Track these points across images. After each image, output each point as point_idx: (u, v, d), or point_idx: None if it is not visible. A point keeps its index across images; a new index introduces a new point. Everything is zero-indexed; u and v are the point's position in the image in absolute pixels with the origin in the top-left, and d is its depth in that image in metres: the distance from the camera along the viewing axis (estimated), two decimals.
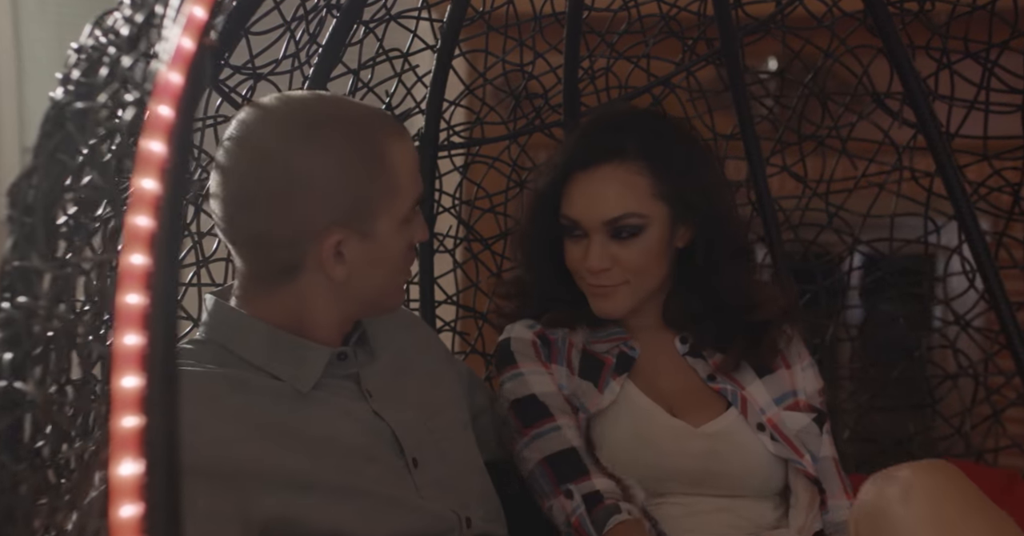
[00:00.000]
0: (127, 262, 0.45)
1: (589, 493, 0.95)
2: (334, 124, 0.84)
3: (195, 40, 0.50)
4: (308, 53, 1.16)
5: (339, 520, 0.82)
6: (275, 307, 0.87)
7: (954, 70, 1.41)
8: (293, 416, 0.84)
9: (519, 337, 1.06)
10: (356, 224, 0.83)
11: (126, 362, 0.44)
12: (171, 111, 0.48)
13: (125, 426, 0.43)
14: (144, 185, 0.46)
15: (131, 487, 0.42)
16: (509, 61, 1.44)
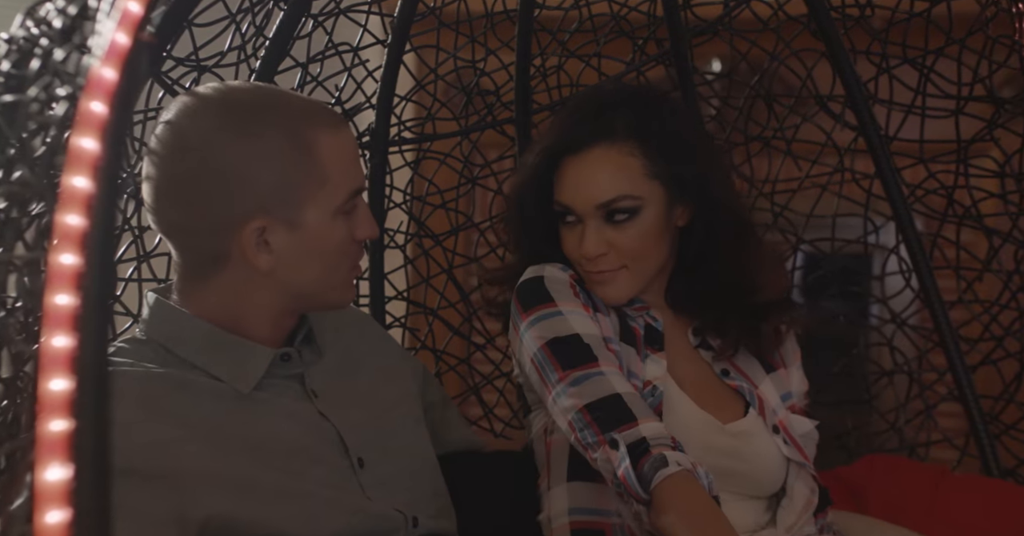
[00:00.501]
0: (57, 261, 0.44)
1: (635, 442, 0.86)
2: (262, 112, 0.83)
3: (130, 35, 0.48)
4: (255, 46, 1.14)
5: (280, 522, 0.81)
6: (211, 303, 0.85)
7: (893, 75, 1.44)
8: (233, 418, 0.83)
9: (554, 276, 0.97)
10: (281, 212, 0.82)
11: (55, 364, 0.42)
12: (105, 108, 0.47)
13: (53, 430, 0.42)
14: (76, 183, 0.45)
15: (58, 492, 0.41)
16: (461, 57, 1.44)
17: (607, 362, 0.93)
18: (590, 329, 0.94)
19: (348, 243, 0.87)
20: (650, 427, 0.87)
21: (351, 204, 0.86)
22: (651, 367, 0.97)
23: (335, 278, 0.88)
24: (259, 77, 1.13)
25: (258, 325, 0.87)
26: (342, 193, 0.84)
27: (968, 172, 1.40)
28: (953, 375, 1.37)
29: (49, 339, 0.43)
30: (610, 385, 0.90)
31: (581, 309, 0.96)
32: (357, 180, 0.86)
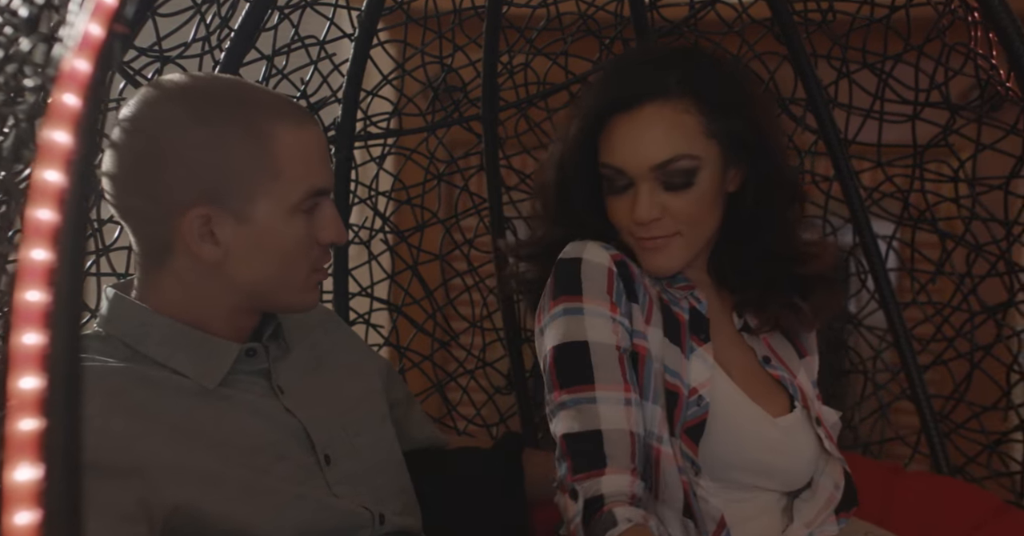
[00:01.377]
0: (28, 257, 0.43)
1: (592, 497, 0.84)
2: (219, 101, 0.83)
3: (104, 27, 0.48)
4: (219, 37, 1.13)
5: (245, 517, 0.80)
6: (168, 296, 0.85)
7: (852, 79, 1.47)
8: (198, 414, 0.82)
9: (593, 260, 0.90)
10: (229, 203, 0.81)
11: (25, 362, 0.42)
12: (78, 100, 0.46)
13: (23, 429, 0.41)
14: (47, 177, 0.44)
15: (28, 493, 0.40)
16: (428, 53, 1.43)
17: (607, 384, 0.87)
18: (604, 337, 0.88)
19: (307, 244, 0.85)
20: (613, 481, 0.85)
21: (311, 203, 0.84)
22: (697, 367, 0.91)
23: (292, 279, 0.85)
24: (223, 69, 1.12)
25: (215, 321, 0.85)
26: (298, 190, 0.83)
27: (924, 176, 1.43)
28: (906, 374, 1.40)
29: (19, 337, 0.42)
30: (596, 418, 0.86)
31: (606, 310, 0.89)
32: (319, 179, 0.84)
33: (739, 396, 0.93)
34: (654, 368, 0.90)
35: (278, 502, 0.82)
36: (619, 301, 0.90)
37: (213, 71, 1.12)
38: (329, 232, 0.86)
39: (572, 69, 1.53)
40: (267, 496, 0.82)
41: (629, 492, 0.86)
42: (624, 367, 0.89)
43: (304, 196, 0.83)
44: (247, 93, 0.86)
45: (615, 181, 0.90)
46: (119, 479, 0.74)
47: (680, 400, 0.89)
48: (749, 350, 0.97)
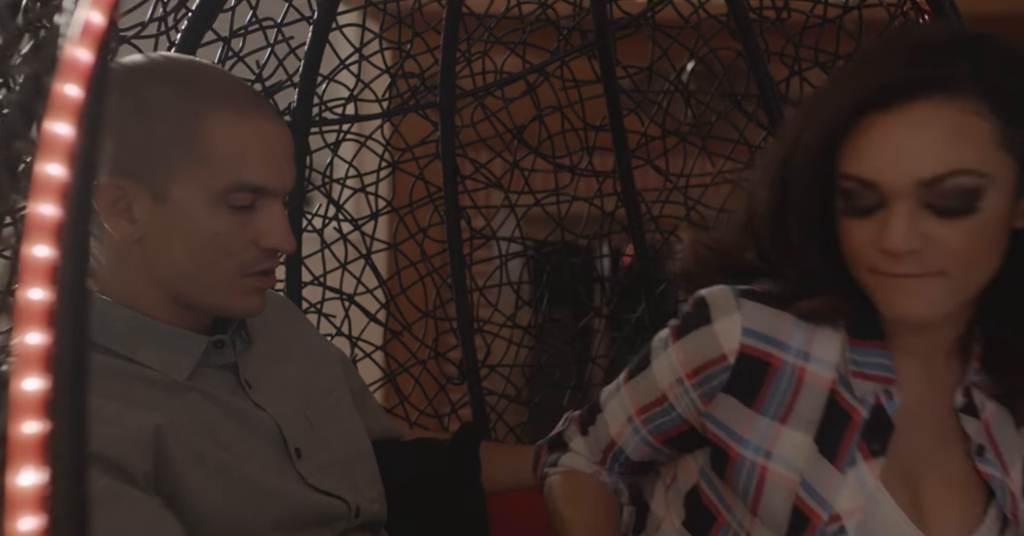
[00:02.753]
0: (30, 254, 0.42)
1: (555, 438, 0.95)
2: (161, 75, 0.81)
3: (106, 15, 0.47)
4: (176, 18, 1.10)
5: (225, 504, 0.80)
6: (117, 284, 0.82)
7: (804, 77, 1.52)
8: (171, 406, 0.81)
9: (717, 333, 0.75)
10: (146, 179, 0.79)
11: (29, 363, 0.41)
12: (80, 91, 0.45)
13: (26, 432, 0.40)
14: (49, 170, 0.43)
15: (32, 498, 0.40)
16: (387, 39, 1.42)
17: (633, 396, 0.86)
18: (661, 376, 0.82)
19: (234, 242, 0.81)
20: (583, 447, 0.92)
21: (242, 199, 0.80)
22: (849, 490, 0.73)
23: (213, 277, 0.82)
24: (179, 50, 1.09)
25: (166, 311, 0.83)
26: (221, 180, 0.79)
27: None
28: None
29: (22, 336, 0.41)
30: (605, 402, 0.90)
31: (681, 370, 0.79)
32: (252, 176, 0.80)
33: (900, 527, 0.74)
34: (772, 480, 0.74)
35: (255, 493, 0.82)
36: (701, 383, 0.78)
37: (169, 51, 1.09)
38: (271, 237, 0.82)
39: (530, 58, 1.54)
40: (244, 484, 0.81)
41: (592, 464, 0.91)
42: (652, 407, 0.84)
43: (228, 188, 0.80)
44: (197, 73, 0.83)
45: (859, 199, 0.70)
46: (119, 462, 0.73)
47: (810, 528, 0.73)
48: (958, 440, 0.76)
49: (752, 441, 0.76)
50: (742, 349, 0.76)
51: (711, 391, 0.78)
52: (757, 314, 0.76)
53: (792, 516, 0.74)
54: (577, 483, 0.92)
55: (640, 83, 1.61)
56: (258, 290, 0.85)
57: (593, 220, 1.65)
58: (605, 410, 0.90)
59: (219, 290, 0.83)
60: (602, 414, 0.90)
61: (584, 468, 0.92)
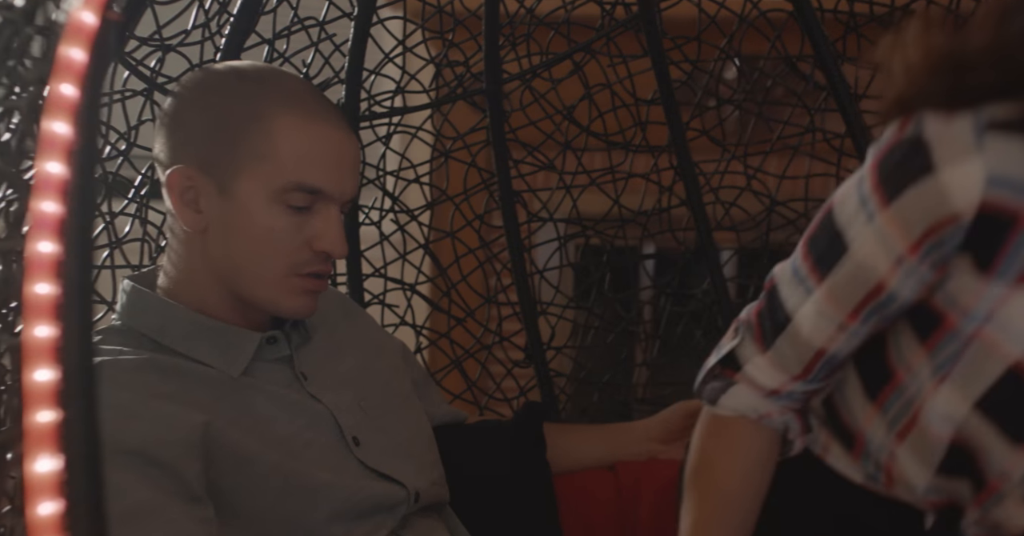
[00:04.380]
0: (35, 250, 0.43)
1: (728, 355, 0.77)
2: (240, 77, 0.85)
3: (98, 14, 0.47)
4: (219, 23, 1.12)
5: (278, 500, 0.81)
6: (179, 281, 0.86)
7: (860, 33, 1.45)
8: (226, 402, 0.83)
9: (945, 183, 0.59)
10: (215, 173, 0.82)
11: (38, 355, 0.42)
12: (75, 90, 0.45)
13: (41, 421, 0.41)
14: (49, 168, 0.44)
15: (50, 483, 0.41)
16: (429, 29, 1.42)
17: (833, 298, 0.69)
18: (872, 261, 0.65)
19: (288, 241, 0.83)
20: (762, 367, 0.74)
21: (300, 199, 0.82)
22: None
23: (265, 272, 0.84)
24: (224, 54, 1.11)
25: (222, 307, 0.86)
26: (280, 178, 0.82)
27: None
28: None
29: (31, 329, 0.42)
30: (795, 309, 0.71)
31: (901, 245, 0.63)
32: (311, 177, 0.82)
33: None
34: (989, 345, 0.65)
35: (309, 486, 0.83)
36: (928, 253, 0.63)
37: (215, 57, 1.12)
38: (324, 241, 0.83)
39: (575, 37, 1.51)
40: (298, 480, 0.82)
41: (772, 387, 0.74)
42: (867, 304, 0.67)
43: (286, 186, 0.82)
44: (272, 77, 0.87)
45: None
46: (163, 460, 0.75)
47: None
48: None
49: (977, 308, 0.64)
50: (983, 204, 0.59)
51: (941, 259, 0.63)
52: (1008, 153, 0.58)
53: (1001, 380, 0.65)
54: (729, 446, 0.78)
55: (690, 53, 1.57)
56: (307, 291, 0.86)
57: (651, 195, 1.62)
58: (797, 319, 0.72)
59: (270, 287, 0.84)
60: (792, 325, 0.72)
61: (749, 411, 0.76)
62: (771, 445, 0.79)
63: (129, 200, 1.07)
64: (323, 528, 0.82)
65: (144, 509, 0.70)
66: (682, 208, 1.59)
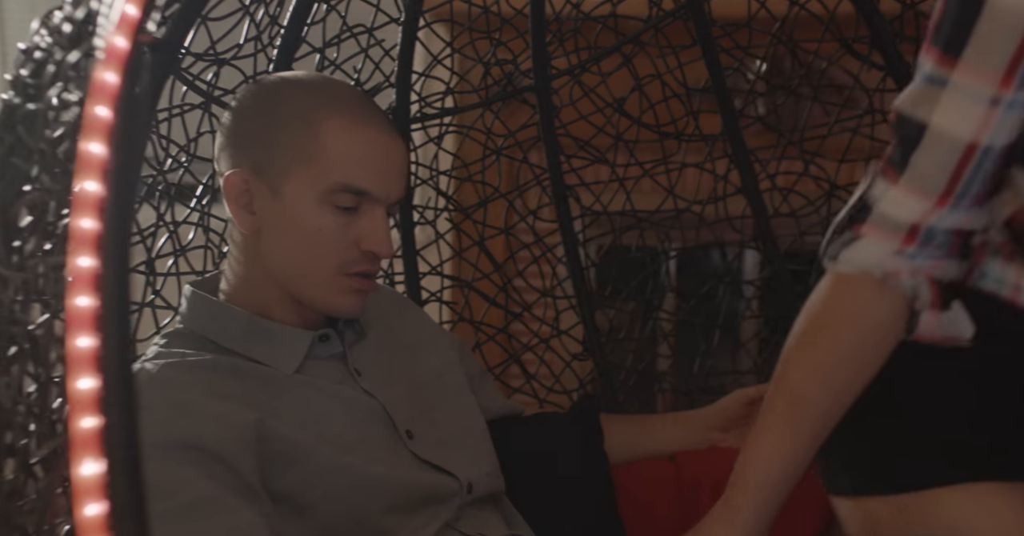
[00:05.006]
0: (75, 265, 0.45)
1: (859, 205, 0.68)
2: (293, 86, 0.88)
3: (129, 38, 0.49)
4: (270, 35, 1.14)
5: (332, 494, 0.83)
6: (234, 283, 0.88)
7: (918, 11, 1.39)
8: (283, 399, 0.85)
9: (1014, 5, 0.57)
10: (266, 174, 0.85)
11: (81, 364, 0.43)
12: (109, 111, 0.47)
13: (84, 427, 0.43)
14: (87, 187, 0.46)
15: (94, 486, 0.42)
16: (476, 29, 1.42)
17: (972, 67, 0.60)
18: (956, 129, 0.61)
19: (337, 241, 0.85)
20: (898, 199, 0.64)
21: (346, 199, 0.84)
22: None
23: (314, 271, 0.85)
24: (277, 65, 1.13)
25: (277, 308, 0.88)
26: (327, 179, 0.84)
27: None
28: None
29: (73, 340, 0.44)
30: (933, 108, 0.63)
31: (987, 87, 0.59)
32: (357, 178, 0.84)
33: None
34: None
35: (363, 479, 0.84)
36: None
37: (268, 68, 1.14)
38: (371, 241, 0.85)
39: (622, 30, 1.49)
40: (352, 473, 0.84)
41: (911, 221, 0.64)
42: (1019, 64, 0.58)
43: (333, 187, 0.84)
44: (321, 84, 0.90)
45: None
46: (221, 453, 0.77)
47: None
48: None
49: None
50: None
51: None
52: None
53: None
54: (845, 308, 0.69)
55: (740, 40, 1.53)
56: (356, 291, 0.88)
57: (706, 185, 1.59)
58: (935, 120, 0.63)
59: (319, 286, 0.86)
60: (930, 129, 0.64)
61: (874, 267, 0.67)
62: (894, 314, 0.67)
63: (192, 209, 1.11)
64: (379, 520, 0.83)
65: (207, 500, 0.73)
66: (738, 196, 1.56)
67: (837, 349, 0.70)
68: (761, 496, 0.74)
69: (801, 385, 0.72)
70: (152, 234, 1.04)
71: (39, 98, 0.60)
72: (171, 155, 1.05)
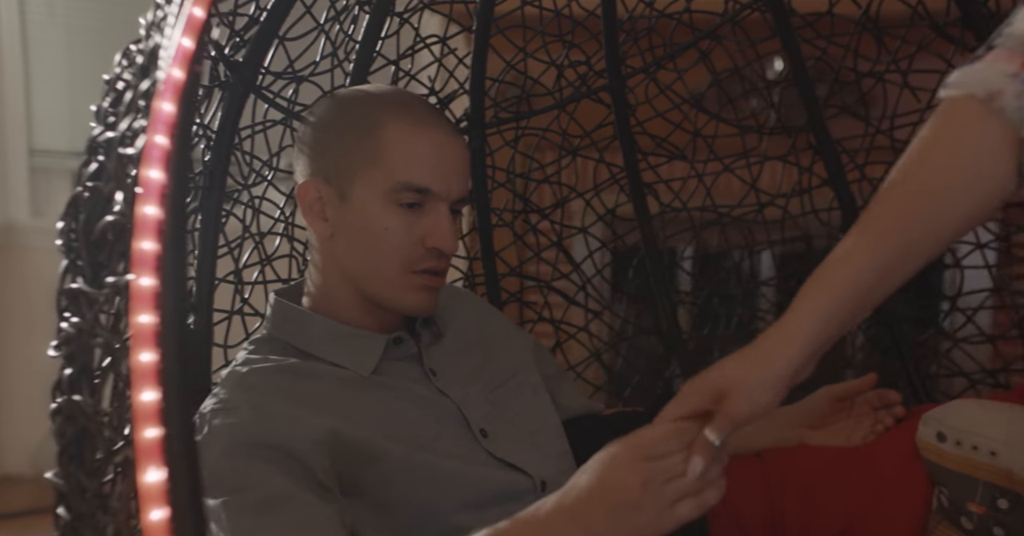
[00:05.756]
0: (137, 284, 0.47)
1: None
2: (354, 98, 0.91)
3: (185, 70, 0.51)
4: (346, 50, 1.17)
5: (407, 492, 0.84)
6: (315, 292, 0.92)
7: None
8: (359, 400, 0.87)
9: None
10: (335, 181, 0.88)
11: (143, 378, 0.46)
12: (166, 139, 0.49)
13: (147, 437, 0.45)
14: (147, 211, 0.48)
15: (157, 493, 0.44)
16: (548, 33, 1.42)
17: None
18: None
19: (403, 239, 0.87)
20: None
21: (410, 198, 0.86)
22: None
23: (384, 270, 0.88)
24: (353, 79, 1.16)
25: (354, 312, 0.91)
26: (391, 180, 0.86)
27: None
28: None
29: (136, 355, 0.46)
30: None
31: None
32: (419, 177, 0.86)
33: None
34: None
35: (438, 477, 0.86)
36: None
37: (345, 83, 1.17)
38: (435, 237, 0.87)
39: (698, 25, 1.46)
40: (427, 471, 0.85)
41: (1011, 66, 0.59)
42: None
43: (396, 187, 0.86)
44: (385, 93, 0.92)
45: None
46: (296, 453, 0.79)
47: None
48: None
49: None
50: None
51: None
52: None
53: None
54: (949, 134, 0.64)
55: (822, 29, 1.47)
56: (425, 288, 0.90)
57: (790, 178, 1.54)
58: None
59: (389, 285, 0.89)
60: None
61: (978, 87, 0.63)
62: (997, 142, 0.62)
63: (276, 220, 1.15)
64: (453, 516, 0.84)
65: (283, 495, 0.76)
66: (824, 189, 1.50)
67: (939, 167, 0.64)
68: (832, 303, 0.65)
69: (896, 198, 0.65)
70: (239, 245, 1.09)
71: (115, 126, 0.63)
72: (255, 170, 1.09)
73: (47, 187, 2.38)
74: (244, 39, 0.97)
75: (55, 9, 2.30)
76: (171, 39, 0.53)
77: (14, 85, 2.32)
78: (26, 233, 2.34)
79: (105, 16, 2.30)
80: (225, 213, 1.01)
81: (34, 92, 2.33)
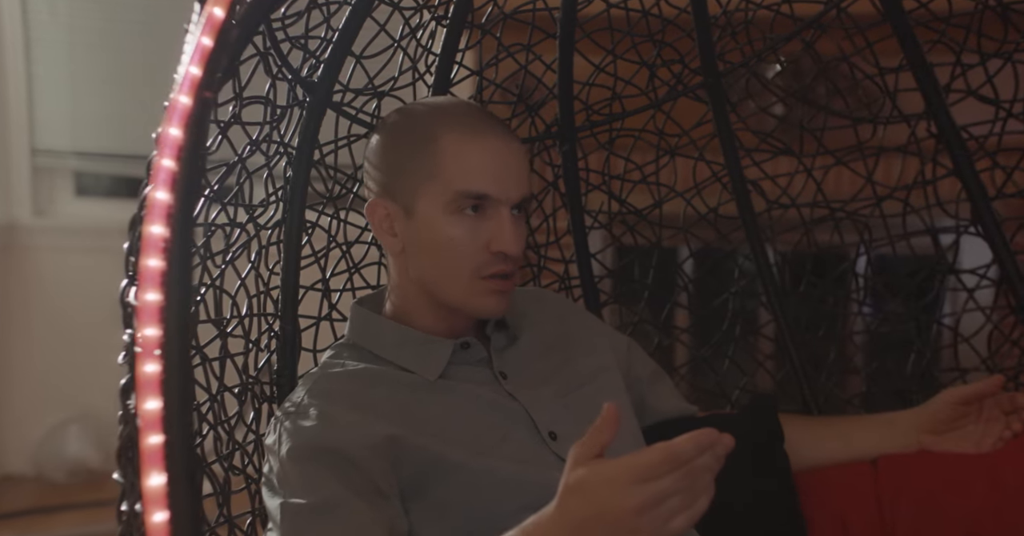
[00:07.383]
0: (143, 299, 0.49)
1: None
2: (410, 115, 0.92)
3: (192, 97, 0.53)
4: (426, 63, 1.18)
5: (468, 495, 0.84)
6: (391, 300, 0.93)
7: None
8: (425, 404, 0.88)
9: None
10: (400, 198, 0.89)
11: (147, 388, 0.47)
12: (173, 163, 0.51)
13: (150, 443, 0.47)
14: (153, 230, 0.50)
15: (158, 496, 0.46)
16: (637, 34, 1.37)
17: None
18: None
19: (468, 245, 0.87)
20: None
21: (470, 205, 0.86)
22: None
23: (453, 277, 0.88)
24: (435, 91, 1.17)
25: (425, 319, 0.92)
26: (450, 190, 0.86)
27: None
28: None
29: (141, 367, 0.48)
30: None
31: None
32: (477, 185, 0.86)
33: None
34: None
35: (498, 479, 0.85)
36: None
37: (428, 94, 1.18)
38: (498, 241, 0.87)
39: (799, 14, 1.36)
40: (487, 474, 0.85)
41: None
42: None
43: (455, 196, 0.86)
44: (442, 105, 0.93)
45: None
46: (355, 458, 0.81)
47: None
48: None
49: None
50: None
51: None
52: None
53: None
54: None
55: (938, 11, 1.34)
56: (495, 292, 0.89)
57: (910, 168, 1.41)
58: None
59: (460, 291, 0.89)
60: None
61: None
62: None
63: (363, 229, 1.17)
64: (513, 519, 0.83)
65: (334, 501, 0.77)
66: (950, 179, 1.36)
67: None
68: None
69: None
70: (324, 255, 1.12)
71: None
72: (340, 183, 1.12)
73: (49, 187, 2.33)
74: (320, 59, 1.00)
75: (57, 9, 2.23)
76: (182, 65, 0.55)
77: (16, 85, 2.27)
78: (28, 233, 2.27)
79: (107, 16, 2.22)
80: (311, 224, 1.04)
81: (36, 92, 2.26)
